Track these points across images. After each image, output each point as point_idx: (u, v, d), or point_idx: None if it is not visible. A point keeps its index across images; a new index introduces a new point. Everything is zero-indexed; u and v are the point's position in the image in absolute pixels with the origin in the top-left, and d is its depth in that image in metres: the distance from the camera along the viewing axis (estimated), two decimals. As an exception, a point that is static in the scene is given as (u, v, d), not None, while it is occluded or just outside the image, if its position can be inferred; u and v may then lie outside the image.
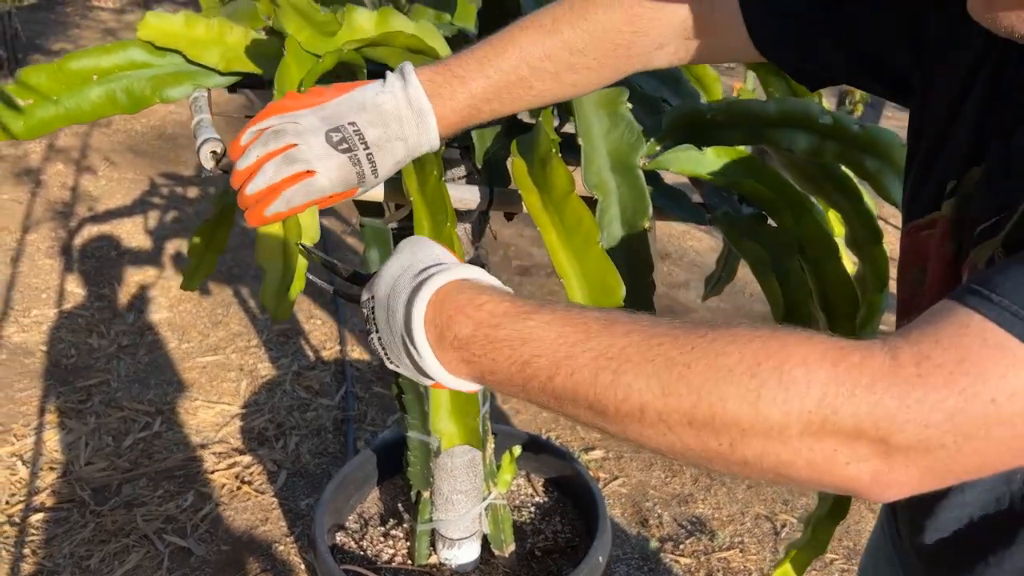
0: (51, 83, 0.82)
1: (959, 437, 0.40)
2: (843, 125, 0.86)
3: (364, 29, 0.77)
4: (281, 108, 0.64)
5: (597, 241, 0.68)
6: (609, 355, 0.45)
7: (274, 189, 0.62)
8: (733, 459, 0.43)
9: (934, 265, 0.58)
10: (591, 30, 0.68)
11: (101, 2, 7.29)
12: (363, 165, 0.64)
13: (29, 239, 3.08)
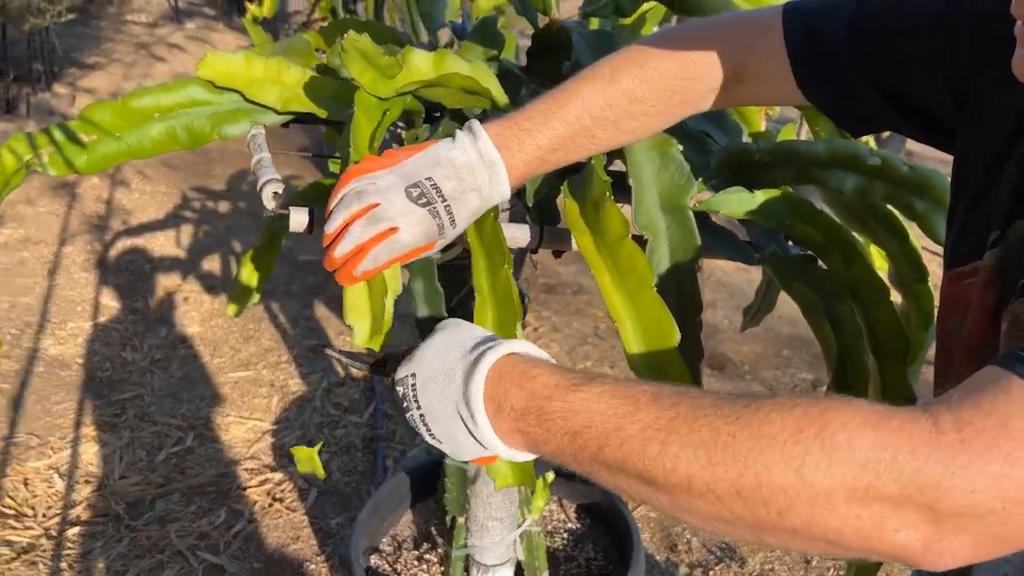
0: (114, 120, 0.85)
1: (1008, 502, 0.40)
2: (892, 166, 0.86)
3: (422, 71, 0.79)
4: (360, 171, 0.66)
5: (651, 285, 0.68)
6: (657, 426, 0.46)
7: (361, 249, 0.64)
8: (783, 528, 0.44)
9: (974, 315, 0.58)
10: (648, 79, 0.71)
11: (134, 16, 7.43)
12: (442, 217, 0.67)
13: (65, 252, 3.14)
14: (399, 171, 0.66)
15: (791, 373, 2.81)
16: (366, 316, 0.69)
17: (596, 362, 2.75)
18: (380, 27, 1.11)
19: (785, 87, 0.71)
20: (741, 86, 0.73)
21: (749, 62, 0.71)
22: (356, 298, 0.69)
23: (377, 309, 0.69)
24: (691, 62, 0.71)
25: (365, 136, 0.75)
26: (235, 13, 7.86)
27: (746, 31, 0.71)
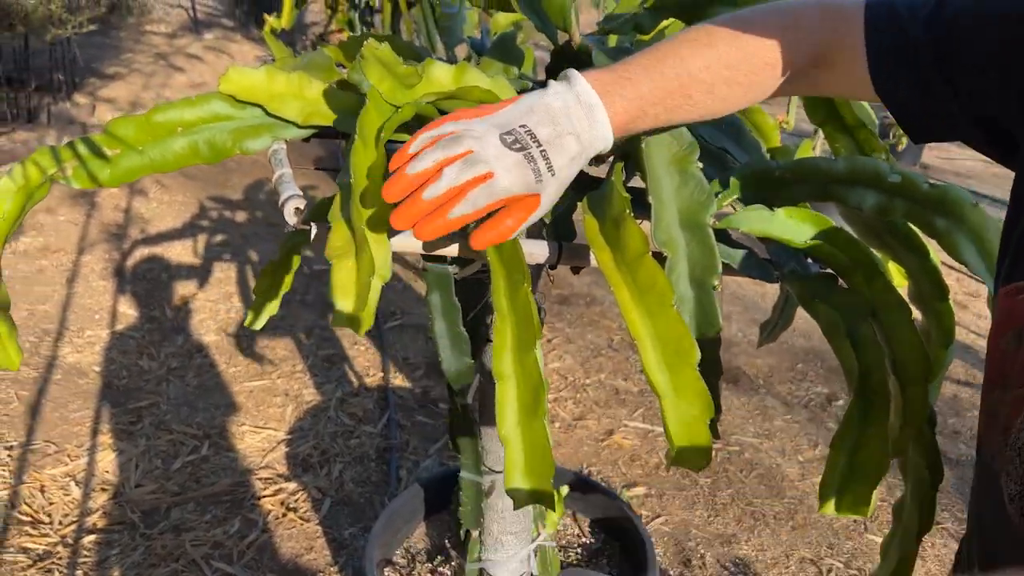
0: (138, 134, 0.85)
1: None
2: (913, 183, 0.85)
3: (442, 83, 0.79)
4: (457, 117, 0.66)
5: (671, 303, 0.68)
6: None
7: (460, 191, 0.63)
8: None
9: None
10: (743, 47, 0.72)
11: (154, 27, 7.51)
12: (538, 162, 0.66)
13: (84, 260, 3.17)
14: (492, 120, 0.66)
15: (806, 387, 2.80)
16: (350, 295, 0.69)
17: (609, 374, 2.75)
18: (399, 42, 1.11)
19: (858, 80, 0.71)
20: (818, 72, 0.74)
21: (830, 49, 0.71)
22: (343, 277, 0.69)
23: (362, 288, 0.68)
24: (783, 37, 0.72)
25: (373, 125, 0.75)
26: (253, 24, 7.94)
27: (831, 17, 0.71)
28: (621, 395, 2.63)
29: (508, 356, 0.70)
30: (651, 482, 2.23)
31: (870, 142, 0.97)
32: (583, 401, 2.59)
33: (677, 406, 0.67)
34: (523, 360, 0.69)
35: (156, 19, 7.71)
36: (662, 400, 0.69)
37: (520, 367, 0.69)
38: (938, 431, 0.85)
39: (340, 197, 0.70)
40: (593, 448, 2.36)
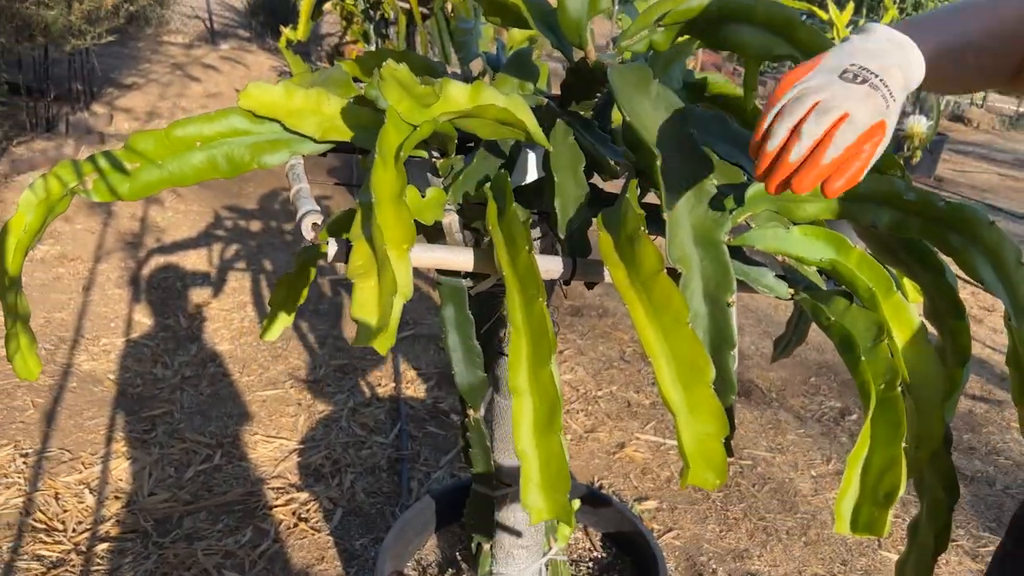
0: (157, 148, 0.86)
1: None
2: (928, 201, 0.85)
3: (458, 102, 0.80)
4: (787, 83, 0.68)
5: (686, 322, 0.68)
6: None
7: (825, 137, 0.65)
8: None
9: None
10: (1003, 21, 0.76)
11: (171, 37, 7.59)
12: (882, 89, 0.68)
13: (100, 269, 3.20)
14: (824, 68, 0.68)
15: (819, 401, 2.78)
16: (372, 314, 0.69)
17: (621, 387, 2.74)
18: (416, 57, 1.12)
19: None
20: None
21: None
22: (365, 296, 0.69)
23: (385, 307, 0.69)
24: None
25: (393, 144, 0.76)
26: (268, 35, 8.01)
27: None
28: (633, 407, 2.63)
29: (523, 371, 0.70)
30: (663, 496, 2.22)
31: (885, 160, 0.97)
32: (595, 413, 2.59)
33: (691, 424, 0.67)
34: (538, 375, 0.69)
35: (173, 30, 7.80)
36: (677, 418, 0.69)
37: (536, 382, 0.69)
38: (953, 447, 0.85)
39: (361, 215, 0.71)
40: (605, 461, 2.36)
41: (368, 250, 0.72)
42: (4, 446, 2.14)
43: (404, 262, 0.72)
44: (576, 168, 0.88)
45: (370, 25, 3.69)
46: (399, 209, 0.73)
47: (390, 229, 0.71)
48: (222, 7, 9.32)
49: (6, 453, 2.12)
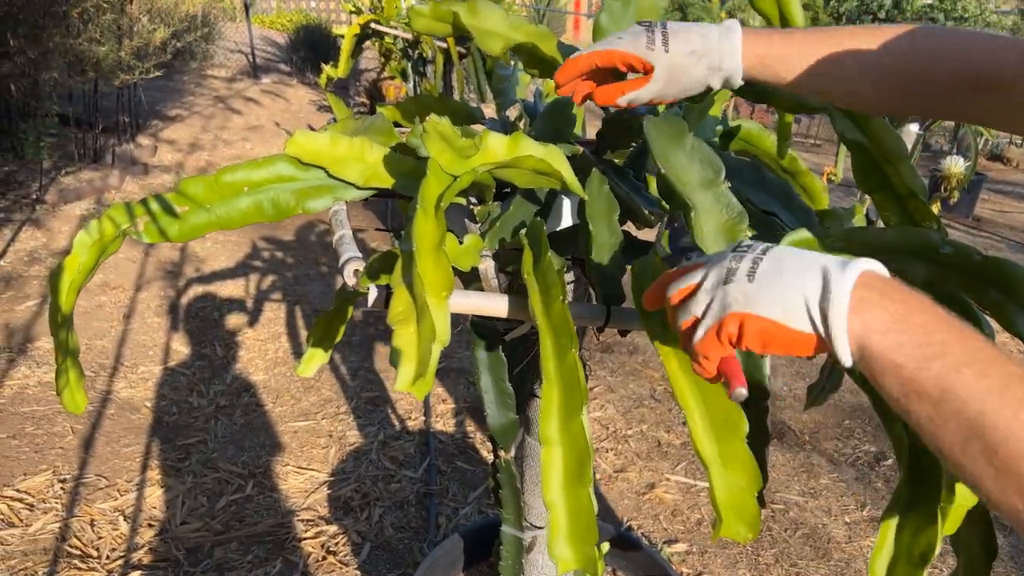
0: (206, 193, 0.90)
1: None
2: (965, 255, 0.85)
3: (497, 153, 0.82)
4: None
5: (720, 375, 0.69)
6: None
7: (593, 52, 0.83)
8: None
9: None
10: (918, 46, 0.76)
11: (215, 71, 7.81)
12: (655, 34, 0.79)
13: (140, 297, 3.27)
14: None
15: (853, 444, 2.73)
16: (412, 361, 0.70)
17: (652, 426, 2.72)
18: (457, 104, 1.15)
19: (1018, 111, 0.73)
20: (996, 99, 0.74)
21: (1002, 73, 0.73)
22: (404, 342, 0.71)
23: (423, 354, 0.70)
24: (970, 51, 0.74)
25: (433, 195, 0.78)
26: (308, 69, 8.20)
27: (1007, 47, 0.73)
28: (663, 447, 2.61)
29: (554, 421, 0.71)
30: (693, 539, 2.19)
31: (921, 211, 0.97)
32: (624, 452, 2.57)
33: (725, 477, 0.67)
34: (569, 426, 0.70)
35: (217, 64, 8.02)
36: (710, 470, 0.69)
37: (566, 433, 0.70)
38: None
39: (402, 263, 0.73)
40: (634, 502, 2.34)
41: (408, 297, 0.73)
42: (43, 471, 2.19)
43: (443, 310, 0.73)
44: (610, 216, 0.89)
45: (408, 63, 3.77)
46: (438, 258, 0.74)
47: (430, 277, 0.73)
48: (264, 42, 9.58)
49: (44, 478, 2.16)
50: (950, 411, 0.47)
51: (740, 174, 1.05)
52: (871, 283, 0.53)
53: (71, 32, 3.94)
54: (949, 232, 3.35)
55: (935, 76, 0.76)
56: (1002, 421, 0.44)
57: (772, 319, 0.55)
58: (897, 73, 0.77)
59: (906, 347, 0.49)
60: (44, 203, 3.97)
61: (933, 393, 0.48)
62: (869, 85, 0.78)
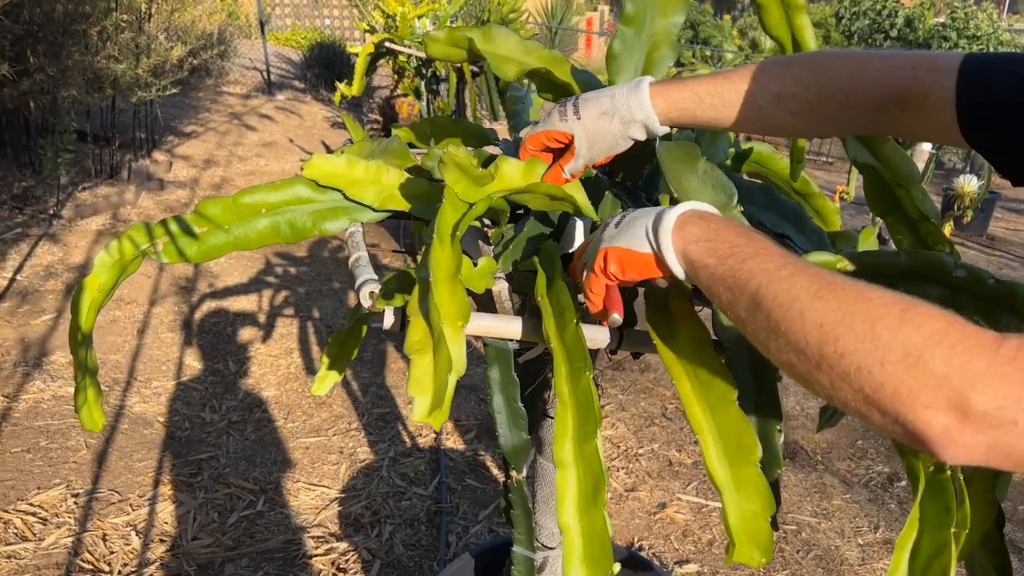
0: (225, 214, 0.91)
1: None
2: (978, 279, 0.85)
3: (512, 180, 0.83)
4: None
5: (734, 400, 0.69)
6: (793, 269, 0.58)
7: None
8: (838, 369, 0.51)
9: None
10: (818, 70, 0.79)
11: (230, 88, 7.89)
12: (567, 108, 0.87)
13: (154, 312, 3.30)
14: None
15: (866, 465, 2.72)
16: (428, 391, 0.71)
17: (663, 444, 2.72)
18: (469, 125, 1.17)
19: (946, 127, 0.75)
20: (904, 114, 0.78)
21: (918, 92, 0.76)
22: (421, 372, 0.71)
23: (440, 385, 0.71)
24: (866, 69, 0.78)
25: (449, 224, 0.79)
26: (322, 86, 8.27)
27: (923, 63, 0.76)
28: (675, 467, 2.60)
29: (569, 444, 0.72)
30: (704, 559, 2.18)
31: (933, 234, 0.97)
32: (635, 471, 2.56)
33: (738, 502, 0.68)
34: (583, 449, 0.70)
35: (232, 80, 8.11)
36: (723, 495, 0.69)
37: (581, 456, 0.70)
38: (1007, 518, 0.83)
39: (418, 292, 0.74)
40: (645, 521, 2.33)
41: (425, 327, 0.74)
42: (57, 486, 2.20)
43: (458, 339, 0.74)
44: (624, 239, 0.90)
45: (421, 81, 3.80)
46: (455, 287, 0.75)
47: (446, 306, 0.74)
48: (279, 59, 9.68)
49: (58, 493, 2.17)
50: (739, 292, 0.60)
51: (752, 197, 1.05)
52: (694, 212, 0.68)
53: (90, 50, 4.00)
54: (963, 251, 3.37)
55: (858, 97, 0.79)
56: (770, 292, 0.57)
57: (625, 247, 0.71)
58: (810, 100, 0.80)
59: (713, 251, 0.64)
60: (61, 218, 4.02)
61: (728, 280, 0.61)
62: (789, 115, 0.82)
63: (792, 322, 0.54)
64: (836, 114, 0.80)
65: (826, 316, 0.52)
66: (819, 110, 0.81)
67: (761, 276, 0.58)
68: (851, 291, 0.53)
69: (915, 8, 10.47)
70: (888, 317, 0.49)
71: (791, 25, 0.93)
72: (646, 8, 0.92)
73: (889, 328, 0.49)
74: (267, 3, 11.39)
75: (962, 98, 0.73)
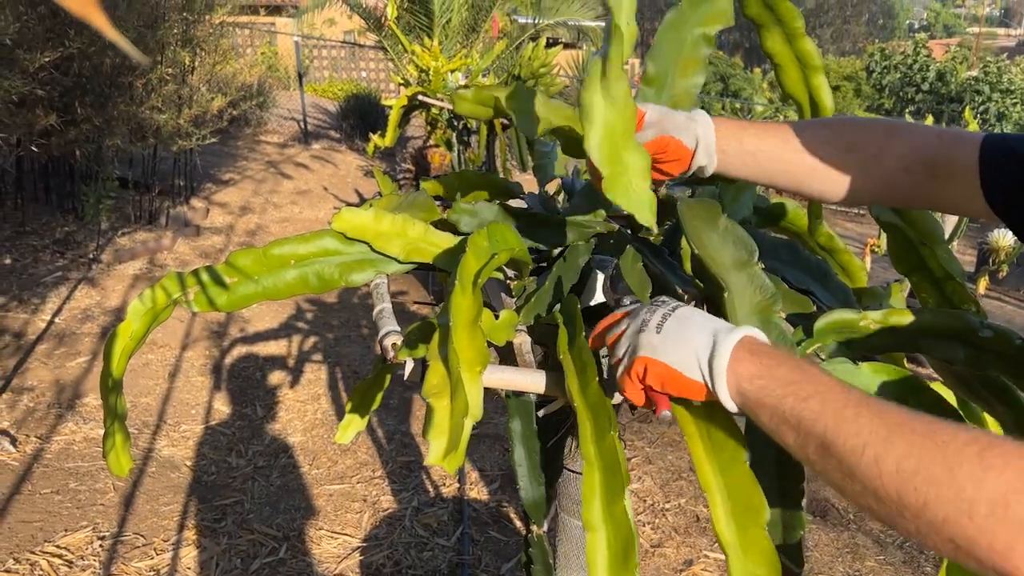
0: (254, 265, 0.93)
1: None
2: (1004, 338, 0.84)
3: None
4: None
5: (744, 460, 0.69)
6: (859, 407, 0.56)
7: None
8: (923, 518, 0.49)
9: None
10: (851, 130, 0.84)
11: (267, 137, 8.10)
12: None
13: (186, 356, 3.35)
14: None
15: (902, 526, 2.64)
16: (444, 434, 0.71)
17: (690, 500, 2.67)
18: (495, 179, 1.19)
19: (973, 195, 0.78)
20: (932, 181, 0.81)
21: (945, 158, 0.79)
22: (438, 416, 0.72)
23: (456, 429, 0.71)
24: (893, 129, 0.82)
25: (471, 272, 0.80)
26: (357, 136, 8.46)
27: (947, 133, 0.80)
28: (702, 523, 2.55)
29: (597, 505, 0.71)
30: (732, 620, 2.12)
31: (959, 294, 0.97)
32: (662, 527, 2.52)
33: (744, 565, 0.67)
34: (612, 510, 0.70)
35: (270, 130, 8.33)
36: (729, 556, 0.68)
37: (610, 517, 0.69)
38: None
39: (439, 337, 0.75)
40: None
41: (443, 371, 0.75)
42: (83, 528, 2.22)
43: (476, 385, 0.75)
44: (643, 293, 0.91)
45: (453, 133, 3.87)
46: (474, 333, 0.76)
47: (464, 352, 0.75)
48: (316, 109, 9.94)
49: (84, 535, 2.19)
50: (806, 435, 0.58)
51: (776, 252, 1.06)
52: (747, 345, 0.66)
53: (134, 101, 4.15)
54: (999, 306, 3.30)
55: (888, 153, 0.82)
56: (839, 437, 0.55)
57: (669, 365, 0.68)
58: (842, 157, 0.84)
59: (769, 390, 0.62)
60: (100, 262, 4.12)
61: (792, 422, 0.59)
62: (831, 184, 0.86)
63: (867, 469, 0.52)
64: (873, 168, 0.83)
65: (901, 463, 0.50)
66: (850, 165, 0.83)
67: (827, 419, 0.56)
68: (921, 431, 0.51)
69: (947, 62, 10.48)
70: (967, 464, 0.47)
71: (808, 85, 0.94)
72: (667, 69, 0.94)
73: (971, 478, 0.47)
74: (306, 56, 11.75)
75: (985, 164, 0.76)
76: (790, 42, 0.98)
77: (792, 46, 0.98)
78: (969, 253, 6.29)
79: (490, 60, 4.06)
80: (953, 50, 11.54)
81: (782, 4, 0.93)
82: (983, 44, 19.22)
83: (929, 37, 18.50)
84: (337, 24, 11.89)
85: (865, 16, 34.35)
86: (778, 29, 0.96)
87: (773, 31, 0.96)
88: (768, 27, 0.96)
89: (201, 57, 4.85)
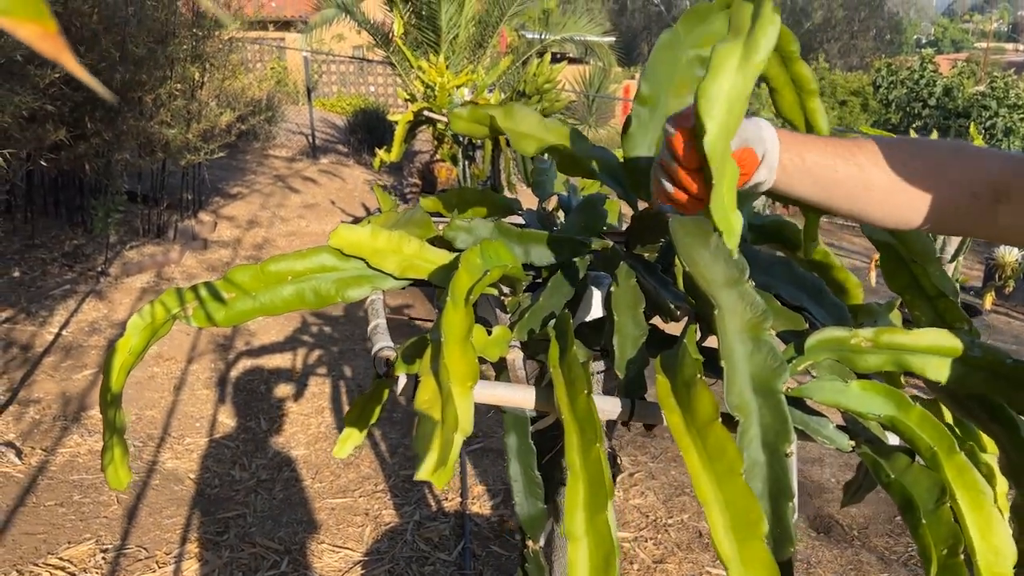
0: (252, 281, 0.95)
1: None
2: (996, 359, 0.85)
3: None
4: None
5: (740, 472, 0.69)
6: None
7: None
8: None
9: None
10: (918, 151, 0.81)
11: (276, 151, 8.16)
12: None
13: (191, 369, 3.36)
14: None
15: (905, 542, 2.62)
16: (434, 449, 0.72)
17: (693, 515, 2.66)
18: (494, 196, 1.20)
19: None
20: (997, 205, 0.78)
21: (1012, 183, 0.77)
22: (428, 430, 0.72)
23: (445, 444, 0.72)
24: (963, 154, 0.80)
25: (464, 288, 0.81)
26: (365, 150, 8.51)
27: (1015, 159, 0.78)
28: (705, 539, 2.54)
29: (580, 516, 0.72)
30: (733, 637, 2.11)
31: (951, 312, 0.97)
32: (664, 543, 2.51)
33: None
34: (594, 521, 0.70)
35: (278, 144, 8.39)
36: (728, 570, 0.68)
37: (592, 528, 0.70)
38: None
39: (431, 352, 0.76)
40: None
41: (435, 386, 0.76)
42: (87, 540, 2.23)
43: (466, 400, 0.75)
44: (636, 309, 0.92)
45: (459, 148, 3.90)
46: (465, 349, 0.77)
47: (455, 367, 0.76)
48: (324, 124, 10.01)
49: (88, 548, 2.20)
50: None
51: (772, 270, 1.06)
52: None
53: (144, 116, 4.19)
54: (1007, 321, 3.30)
55: (952, 175, 0.79)
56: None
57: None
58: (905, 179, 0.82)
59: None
60: (108, 275, 4.15)
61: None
62: (896, 207, 0.83)
63: None
64: (937, 192, 0.80)
65: None
66: (936, 187, 0.81)
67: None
68: None
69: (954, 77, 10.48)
70: None
71: (804, 108, 0.95)
72: (660, 90, 0.96)
73: None
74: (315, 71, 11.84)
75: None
76: (785, 65, 0.99)
77: (788, 69, 0.99)
78: (976, 268, 6.28)
79: (496, 76, 4.09)
80: (960, 65, 11.55)
81: (775, 26, 0.94)
82: (991, 59, 19.22)
83: (936, 52, 18.53)
84: (346, 39, 11.99)
85: (872, 31, 34.42)
86: (773, 52, 0.98)
87: (767, 53, 0.97)
88: (761, 49, 0.97)
89: (210, 72, 4.90)
